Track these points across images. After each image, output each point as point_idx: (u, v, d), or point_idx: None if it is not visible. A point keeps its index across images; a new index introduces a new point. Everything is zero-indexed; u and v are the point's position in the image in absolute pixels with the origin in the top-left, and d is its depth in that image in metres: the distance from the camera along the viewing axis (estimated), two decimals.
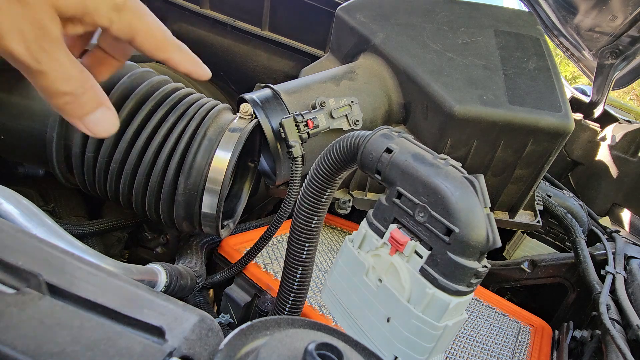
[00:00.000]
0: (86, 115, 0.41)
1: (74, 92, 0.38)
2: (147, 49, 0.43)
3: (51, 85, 0.37)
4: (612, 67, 1.59)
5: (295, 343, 0.24)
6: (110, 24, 0.38)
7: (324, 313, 0.77)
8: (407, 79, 0.91)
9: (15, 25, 0.33)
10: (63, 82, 0.37)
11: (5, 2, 0.31)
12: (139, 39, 0.41)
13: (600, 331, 0.82)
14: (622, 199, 1.60)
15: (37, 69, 0.36)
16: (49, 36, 0.34)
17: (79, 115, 0.40)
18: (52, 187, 0.89)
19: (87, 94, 0.39)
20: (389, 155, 0.45)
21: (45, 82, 0.37)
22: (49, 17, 0.34)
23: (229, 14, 1.28)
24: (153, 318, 0.25)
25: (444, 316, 0.40)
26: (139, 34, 0.40)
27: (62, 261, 0.27)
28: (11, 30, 0.33)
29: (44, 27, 0.34)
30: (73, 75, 0.38)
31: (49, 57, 0.35)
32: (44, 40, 0.34)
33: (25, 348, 0.20)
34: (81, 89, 0.39)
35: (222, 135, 0.70)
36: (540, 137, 0.88)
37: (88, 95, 0.40)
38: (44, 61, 0.35)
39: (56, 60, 0.36)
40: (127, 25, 0.39)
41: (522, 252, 1.31)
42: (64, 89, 0.38)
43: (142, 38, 0.41)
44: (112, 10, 0.37)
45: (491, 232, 0.39)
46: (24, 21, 0.33)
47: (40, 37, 0.34)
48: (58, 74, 0.36)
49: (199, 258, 0.81)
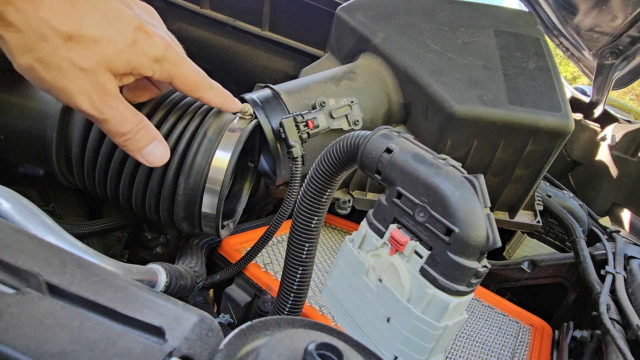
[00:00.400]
0: (142, 149, 0.52)
1: (131, 132, 0.49)
2: (183, 89, 0.54)
3: (112, 129, 0.47)
4: (612, 67, 1.59)
5: (295, 343, 0.24)
6: (153, 73, 0.48)
7: (324, 313, 0.77)
8: (407, 79, 0.91)
9: (82, 88, 0.43)
10: (122, 126, 0.47)
11: (74, 72, 0.41)
12: (176, 82, 0.52)
13: (600, 331, 0.82)
14: (622, 199, 1.60)
15: (101, 118, 0.46)
16: (107, 93, 0.44)
17: (136, 149, 0.51)
18: (52, 187, 0.89)
19: (141, 133, 0.50)
20: (389, 155, 0.45)
21: (108, 127, 0.47)
22: (106, 78, 0.43)
23: (229, 14, 1.28)
24: (153, 318, 0.25)
25: (444, 316, 0.40)
26: (176, 78, 0.51)
27: (62, 261, 0.27)
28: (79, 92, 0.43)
29: (103, 87, 0.44)
30: (129, 119, 0.48)
31: (109, 108, 0.45)
32: (104, 96, 0.44)
33: (25, 348, 0.20)
34: (136, 129, 0.49)
35: (222, 135, 0.70)
36: (540, 137, 0.88)
37: (142, 134, 0.50)
38: (105, 112, 0.45)
39: (114, 109, 0.46)
40: (167, 72, 0.49)
41: (522, 252, 1.31)
42: (123, 130, 0.48)
43: (178, 81, 0.52)
44: (154, 63, 0.47)
45: (491, 232, 0.39)
46: (88, 85, 0.43)
47: (101, 94, 0.44)
48: (117, 120, 0.46)
49: (199, 258, 0.81)
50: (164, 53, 0.47)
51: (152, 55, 0.46)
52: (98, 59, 0.42)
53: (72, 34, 0.39)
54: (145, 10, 0.51)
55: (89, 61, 0.41)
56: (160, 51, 0.47)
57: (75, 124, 0.69)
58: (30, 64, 0.40)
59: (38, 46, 0.39)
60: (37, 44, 0.39)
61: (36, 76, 0.41)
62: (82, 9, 0.40)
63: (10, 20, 0.37)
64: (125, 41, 0.43)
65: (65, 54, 0.40)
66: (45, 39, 0.39)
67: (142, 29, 0.45)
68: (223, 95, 0.59)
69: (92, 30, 0.41)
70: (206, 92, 0.56)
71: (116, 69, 0.44)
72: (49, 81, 0.41)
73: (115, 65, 0.43)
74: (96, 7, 0.41)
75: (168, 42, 0.49)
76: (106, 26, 0.42)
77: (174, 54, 0.49)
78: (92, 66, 0.42)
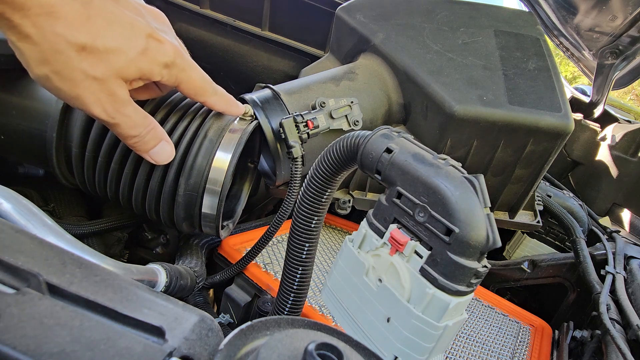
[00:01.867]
0: (151, 149, 0.55)
1: (140, 135, 0.52)
2: (188, 94, 0.56)
3: (124, 132, 0.50)
4: (612, 67, 1.59)
5: (295, 343, 0.24)
6: (161, 78, 0.50)
7: (324, 313, 0.77)
8: (407, 79, 0.91)
9: (95, 96, 0.45)
10: (132, 129, 0.50)
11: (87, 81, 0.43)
12: (182, 87, 0.54)
13: (600, 331, 0.82)
14: (622, 199, 1.60)
15: (113, 122, 0.49)
16: (118, 99, 0.47)
17: (145, 150, 0.55)
18: (52, 187, 0.89)
19: (150, 134, 0.53)
20: (389, 155, 0.45)
21: (119, 130, 0.50)
22: (117, 86, 0.46)
23: (229, 14, 1.28)
24: (153, 318, 0.25)
25: (444, 316, 0.40)
26: (182, 83, 0.53)
27: (62, 261, 0.27)
28: (92, 100, 0.45)
29: (115, 94, 0.46)
30: (139, 123, 0.51)
31: (120, 114, 0.48)
32: (115, 102, 0.47)
33: (25, 348, 0.20)
34: (145, 132, 0.52)
35: (223, 136, 0.70)
36: (540, 137, 0.88)
37: (150, 135, 0.53)
38: (116, 117, 0.48)
39: (125, 115, 0.48)
40: (174, 78, 0.51)
41: (522, 252, 1.31)
42: (133, 133, 0.51)
43: (185, 86, 0.54)
44: (163, 68, 0.49)
45: (491, 232, 0.39)
46: (100, 93, 0.45)
47: (113, 101, 0.46)
48: (127, 124, 0.49)
49: (199, 258, 0.81)
50: (173, 59, 0.49)
51: (162, 61, 0.48)
52: (110, 69, 0.44)
53: (85, 45, 0.41)
54: (155, 17, 0.52)
55: (102, 71, 0.43)
56: (170, 57, 0.49)
57: (75, 124, 0.69)
58: (46, 74, 0.42)
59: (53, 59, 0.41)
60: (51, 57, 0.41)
61: (52, 86, 0.43)
62: (96, 22, 0.42)
63: (27, 33, 0.39)
64: (136, 50, 0.45)
65: (78, 65, 0.42)
66: (59, 52, 0.40)
67: (153, 36, 0.47)
68: (227, 100, 0.62)
69: (106, 41, 0.42)
70: (210, 97, 0.58)
71: (127, 76, 0.46)
72: (65, 90, 0.43)
73: (126, 73, 0.45)
74: (110, 19, 0.43)
75: (177, 48, 0.50)
76: (119, 37, 0.43)
77: (182, 60, 0.51)
78: (104, 76, 0.44)
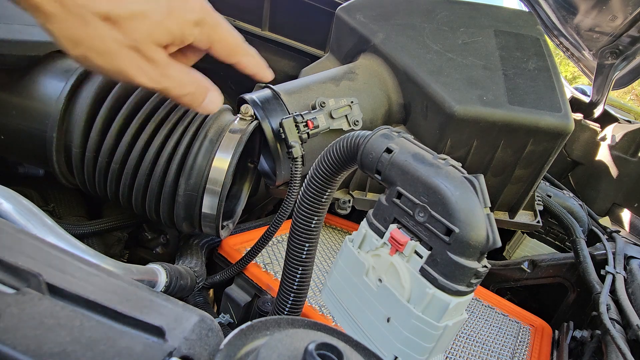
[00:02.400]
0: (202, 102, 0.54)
1: (190, 92, 0.51)
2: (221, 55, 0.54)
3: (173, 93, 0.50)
4: (612, 67, 1.59)
5: (295, 343, 0.24)
6: (194, 39, 0.49)
7: (324, 313, 0.77)
8: (407, 79, 0.91)
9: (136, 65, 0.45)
10: (181, 89, 0.50)
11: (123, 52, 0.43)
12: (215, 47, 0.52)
13: (600, 331, 0.82)
14: (622, 199, 1.60)
15: (161, 87, 0.48)
16: (159, 64, 0.46)
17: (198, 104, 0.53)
18: (52, 187, 0.89)
19: (199, 89, 0.52)
20: (389, 155, 0.45)
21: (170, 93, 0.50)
22: (154, 51, 0.45)
23: (229, 14, 1.28)
24: (153, 318, 0.25)
25: (444, 316, 0.40)
26: (215, 42, 0.51)
27: (62, 261, 0.27)
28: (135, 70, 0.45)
29: (154, 60, 0.45)
30: (185, 82, 0.50)
31: (165, 77, 0.47)
32: (157, 67, 0.46)
33: (25, 348, 0.20)
34: (193, 87, 0.51)
35: (223, 137, 0.70)
36: (540, 137, 0.88)
37: (199, 90, 0.52)
38: (162, 81, 0.47)
39: (169, 76, 0.48)
40: (206, 37, 0.50)
41: (522, 252, 1.31)
42: (183, 92, 0.50)
43: (218, 46, 0.52)
44: (194, 27, 0.48)
45: (491, 232, 0.39)
46: (139, 60, 0.44)
47: (154, 67, 0.46)
48: (175, 84, 0.49)
49: (199, 258, 0.81)
50: (203, 16, 0.47)
51: (191, 19, 0.47)
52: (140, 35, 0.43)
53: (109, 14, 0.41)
54: None
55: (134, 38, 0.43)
56: (199, 14, 0.47)
57: (75, 124, 0.69)
58: (84, 54, 0.42)
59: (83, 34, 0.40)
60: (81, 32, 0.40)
61: (93, 65, 0.43)
62: None
63: (50, 11, 0.39)
64: (161, 11, 0.44)
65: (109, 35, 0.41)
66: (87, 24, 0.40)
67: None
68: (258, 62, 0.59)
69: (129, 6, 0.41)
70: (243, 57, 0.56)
71: (161, 40, 0.45)
72: (106, 67, 0.43)
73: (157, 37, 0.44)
74: None
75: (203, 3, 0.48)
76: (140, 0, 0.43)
77: (211, 17, 0.49)
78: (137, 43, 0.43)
